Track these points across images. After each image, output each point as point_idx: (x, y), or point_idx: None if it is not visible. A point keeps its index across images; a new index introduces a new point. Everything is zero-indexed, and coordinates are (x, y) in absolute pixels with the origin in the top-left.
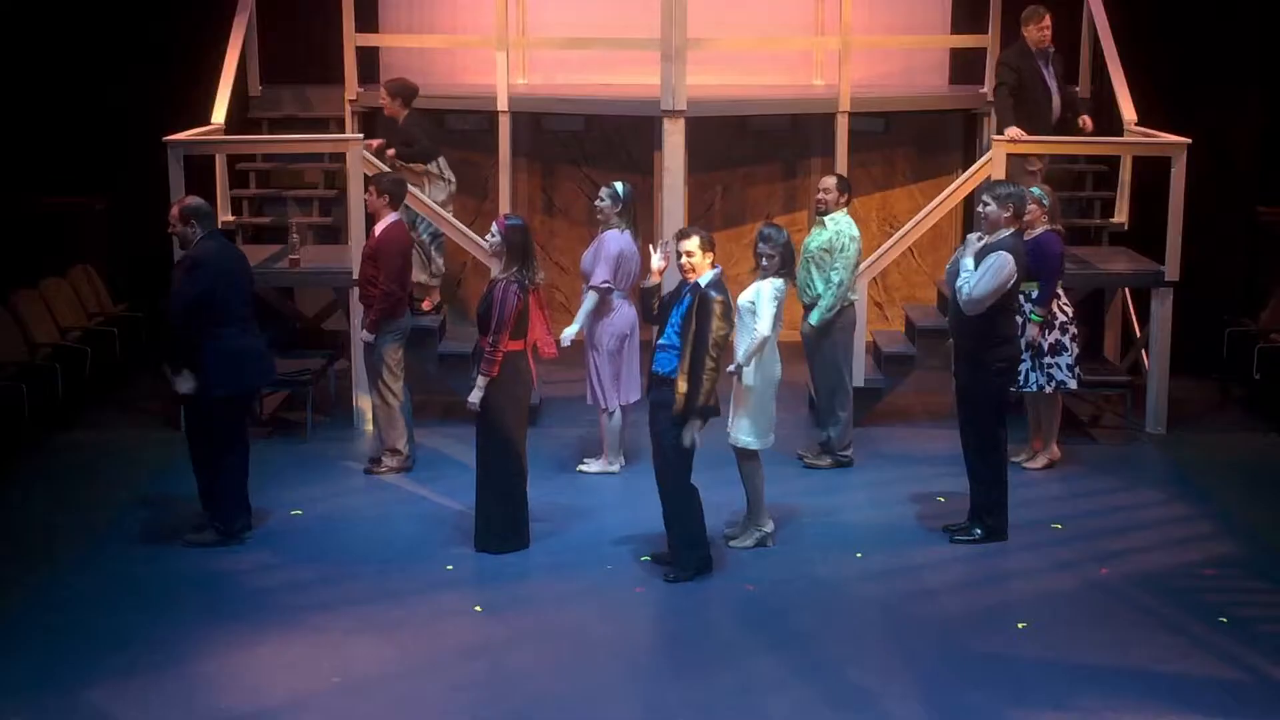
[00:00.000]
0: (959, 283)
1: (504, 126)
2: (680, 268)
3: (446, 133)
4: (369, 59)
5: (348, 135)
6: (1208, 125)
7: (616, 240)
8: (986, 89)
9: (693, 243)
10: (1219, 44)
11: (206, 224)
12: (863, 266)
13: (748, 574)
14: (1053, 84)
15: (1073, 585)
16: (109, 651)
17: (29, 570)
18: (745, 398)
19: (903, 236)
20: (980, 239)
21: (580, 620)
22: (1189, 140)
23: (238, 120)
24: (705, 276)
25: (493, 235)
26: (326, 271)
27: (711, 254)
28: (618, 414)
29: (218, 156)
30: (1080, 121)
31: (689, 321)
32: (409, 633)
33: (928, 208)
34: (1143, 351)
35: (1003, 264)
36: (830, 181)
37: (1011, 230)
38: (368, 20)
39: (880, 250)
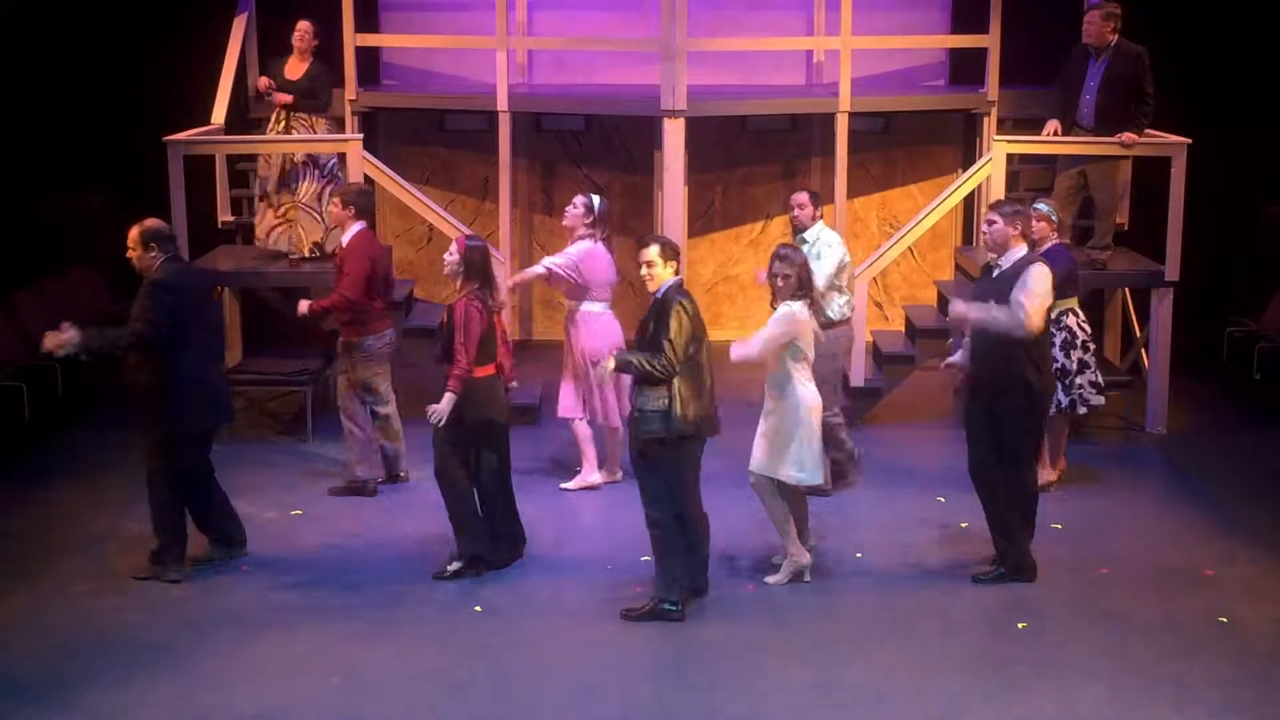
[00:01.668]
0: (1014, 313)
1: (504, 126)
2: (643, 278)
3: (446, 133)
4: (370, 59)
5: (348, 135)
6: (1208, 125)
7: (583, 243)
8: (986, 89)
9: (653, 251)
10: (1220, 43)
11: (167, 247)
12: (862, 267)
13: (747, 575)
14: (1091, 83)
15: (1073, 585)
16: (109, 652)
17: (29, 570)
18: (783, 430)
19: (903, 236)
20: (997, 264)
21: (580, 620)
22: (1189, 140)
23: (238, 120)
24: (663, 286)
25: (451, 255)
26: (324, 273)
27: (674, 263)
28: (584, 425)
29: (218, 156)
30: (1119, 136)
31: (645, 326)
32: (409, 633)
33: (928, 208)
34: (1143, 351)
35: (1043, 274)
36: (803, 197)
37: (1025, 249)
38: (368, 20)
39: (880, 250)
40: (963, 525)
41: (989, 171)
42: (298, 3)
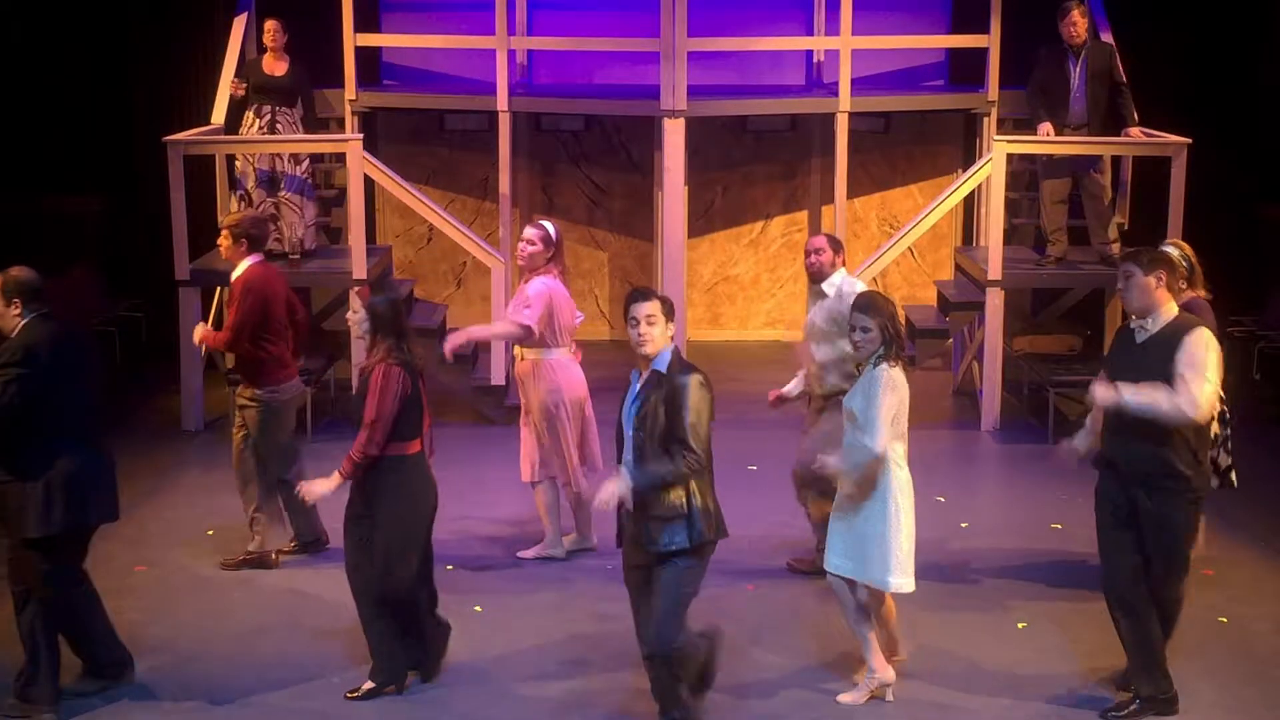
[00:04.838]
0: (1176, 397)
1: (504, 126)
2: (636, 337)
3: (446, 133)
4: (370, 59)
5: (348, 135)
6: (1208, 125)
7: (542, 281)
8: (986, 89)
9: (654, 305)
10: (1219, 43)
11: (33, 304)
12: (862, 267)
13: (748, 575)
14: (1078, 82)
15: (1073, 585)
16: None
17: None
18: (871, 524)
19: (903, 236)
20: (1140, 327)
21: (581, 620)
22: (1189, 140)
23: (238, 120)
24: (661, 356)
25: (355, 312)
26: (326, 272)
27: (672, 324)
28: (549, 487)
29: (217, 156)
30: (1127, 131)
31: (650, 416)
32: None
33: (928, 208)
34: None
35: (1206, 341)
36: (821, 240)
37: (1175, 307)
38: (368, 20)
39: (880, 250)
40: (962, 525)
41: (989, 171)
42: (298, 3)
